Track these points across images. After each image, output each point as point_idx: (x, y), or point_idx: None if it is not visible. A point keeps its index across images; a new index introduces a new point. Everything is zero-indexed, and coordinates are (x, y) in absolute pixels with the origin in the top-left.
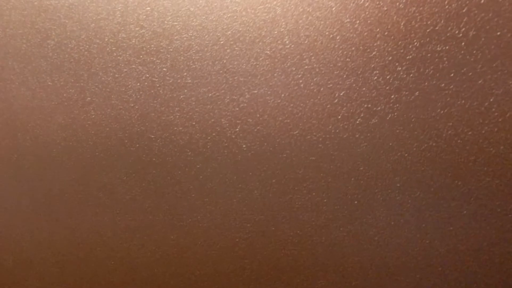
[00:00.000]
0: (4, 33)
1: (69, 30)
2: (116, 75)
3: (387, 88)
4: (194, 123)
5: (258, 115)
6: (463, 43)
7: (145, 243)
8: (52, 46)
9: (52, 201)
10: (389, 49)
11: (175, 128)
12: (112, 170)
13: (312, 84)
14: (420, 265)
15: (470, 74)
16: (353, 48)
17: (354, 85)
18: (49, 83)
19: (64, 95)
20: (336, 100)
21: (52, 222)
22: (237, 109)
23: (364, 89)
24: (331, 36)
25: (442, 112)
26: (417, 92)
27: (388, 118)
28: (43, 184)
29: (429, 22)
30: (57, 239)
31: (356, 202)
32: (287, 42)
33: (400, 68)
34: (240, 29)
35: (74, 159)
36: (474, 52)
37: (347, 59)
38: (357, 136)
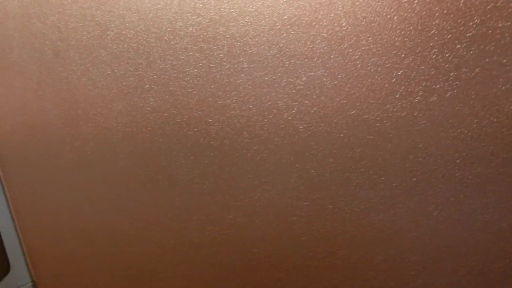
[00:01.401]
0: (66, 26)
1: (128, 21)
2: (174, 63)
3: (446, 66)
4: (251, 106)
5: (314, 97)
6: None
7: (203, 223)
8: (111, 37)
9: (113, 185)
10: (448, 27)
11: (232, 112)
12: (170, 154)
13: (369, 64)
14: (481, 240)
15: None
16: (411, 28)
17: (412, 64)
18: (109, 72)
19: (124, 83)
20: (394, 80)
21: (113, 205)
22: (294, 91)
23: (422, 67)
24: (388, 16)
25: (503, 88)
26: (477, 69)
27: (447, 96)
28: (104, 169)
29: None
30: (118, 221)
31: (414, 179)
32: (343, 24)
33: (459, 46)
34: (296, 13)
35: (134, 145)
36: None
37: (405, 39)
38: (415, 114)
